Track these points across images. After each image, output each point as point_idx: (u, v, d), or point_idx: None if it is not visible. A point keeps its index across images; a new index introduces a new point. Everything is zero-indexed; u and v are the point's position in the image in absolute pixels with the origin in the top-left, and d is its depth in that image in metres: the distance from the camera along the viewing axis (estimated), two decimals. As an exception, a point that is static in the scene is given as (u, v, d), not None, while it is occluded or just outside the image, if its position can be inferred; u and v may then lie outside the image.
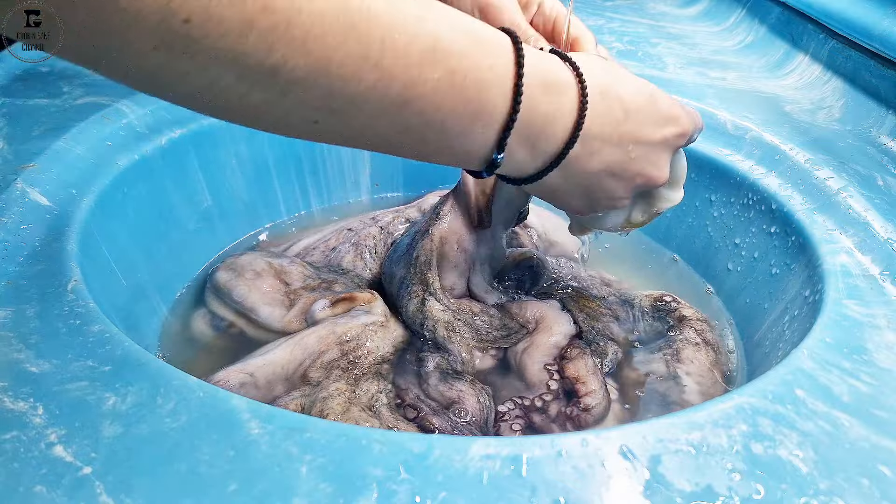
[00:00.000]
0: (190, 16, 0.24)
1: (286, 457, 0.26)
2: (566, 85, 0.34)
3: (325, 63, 0.27)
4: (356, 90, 0.28)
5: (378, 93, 0.29)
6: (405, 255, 0.51)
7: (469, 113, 0.31)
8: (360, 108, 0.29)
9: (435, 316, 0.47)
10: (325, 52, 0.26)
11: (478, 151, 0.34)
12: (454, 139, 0.32)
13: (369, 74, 0.28)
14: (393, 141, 0.32)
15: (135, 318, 0.48)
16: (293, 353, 0.45)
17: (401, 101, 0.29)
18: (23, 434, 0.27)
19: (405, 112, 0.30)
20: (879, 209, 0.50)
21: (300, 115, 0.29)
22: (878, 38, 0.69)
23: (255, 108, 0.28)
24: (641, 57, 0.88)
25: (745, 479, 0.27)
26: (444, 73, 0.30)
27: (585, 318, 0.51)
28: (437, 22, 0.29)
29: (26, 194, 0.46)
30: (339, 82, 0.27)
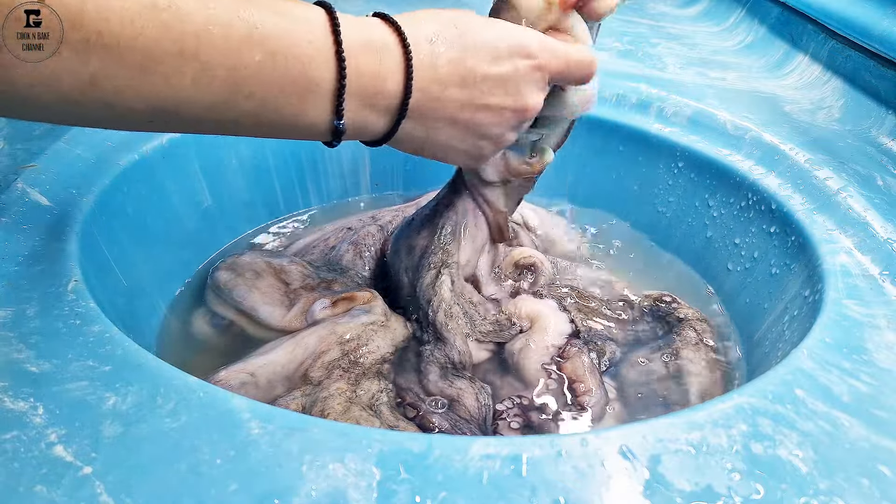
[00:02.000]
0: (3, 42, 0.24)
1: (286, 457, 0.26)
2: (385, 43, 0.35)
3: (141, 65, 0.27)
4: (181, 84, 0.29)
5: (203, 84, 0.29)
6: (427, 225, 0.51)
7: (299, 89, 0.33)
8: (189, 102, 0.30)
9: (442, 295, 0.48)
10: (138, 55, 0.27)
11: (320, 124, 0.35)
12: (293, 116, 0.34)
13: (189, 68, 0.29)
14: (235, 126, 0.33)
15: (135, 318, 0.48)
16: (294, 352, 0.45)
17: (228, 88, 0.30)
18: (23, 434, 0.27)
19: (235, 98, 0.31)
20: (879, 209, 0.50)
21: (134, 120, 0.30)
22: (877, 38, 0.69)
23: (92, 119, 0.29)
24: (641, 57, 0.88)
25: (744, 478, 0.27)
26: (265, 56, 0.31)
27: (584, 318, 0.51)
28: (250, 9, 0.30)
29: (26, 194, 0.46)
30: (161, 80, 0.28)
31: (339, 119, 0.34)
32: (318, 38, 0.33)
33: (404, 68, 0.35)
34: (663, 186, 0.67)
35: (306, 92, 0.33)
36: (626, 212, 0.70)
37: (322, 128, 0.35)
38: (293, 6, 0.33)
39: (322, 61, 0.33)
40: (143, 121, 0.30)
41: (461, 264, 0.50)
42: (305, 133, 0.35)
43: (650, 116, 0.69)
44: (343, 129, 0.35)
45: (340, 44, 0.33)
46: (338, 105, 0.34)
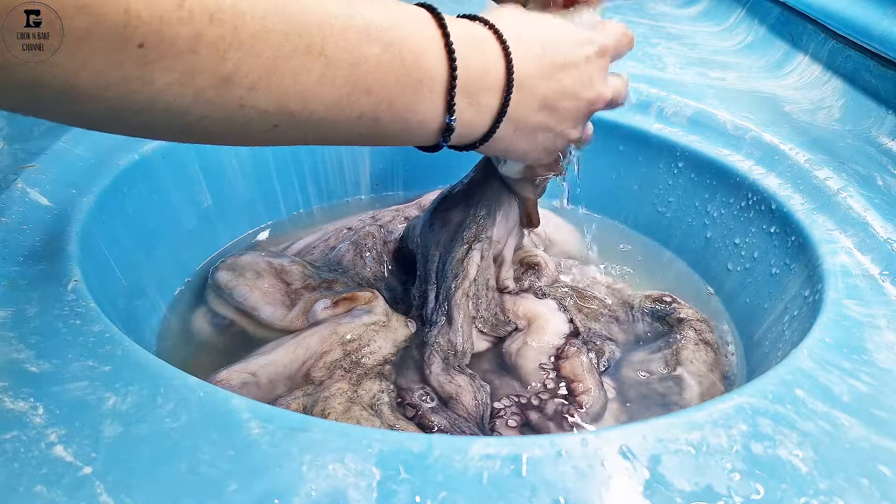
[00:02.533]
0: (144, 40, 0.24)
1: (286, 457, 0.26)
2: (486, 38, 0.36)
3: (273, 61, 0.27)
4: (307, 82, 0.29)
5: (327, 81, 0.30)
6: (464, 200, 0.51)
7: (413, 82, 0.33)
8: (314, 102, 0.30)
9: (468, 272, 0.48)
10: (272, 50, 0.27)
11: (431, 120, 0.35)
12: (406, 112, 0.34)
13: (316, 63, 0.29)
14: (351, 130, 0.33)
15: (135, 318, 0.48)
16: (295, 352, 0.45)
17: (350, 84, 0.30)
18: (23, 434, 0.27)
19: (356, 95, 0.31)
20: (879, 209, 0.50)
21: (260, 124, 0.30)
22: (877, 38, 0.69)
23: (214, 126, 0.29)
24: (641, 57, 0.88)
25: (744, 478, 0.27)
26: (383, 48, 0.31)
27: (584, 318, 0.51)
28: (361, 4, 0.31)
29: (26, 194, 0.46)
30: (290, 77, 0.28)
31: (451, 115, 0.35)
32: (426, 30, 0.33)
33: (505, 64, 0.36)
34: (663, 186, 0.67)
35: (420, 84, 0.33)
36: (625, 212, 0.70)
37: (432, 126, 0.35)
38: (397, 4, 0.33)
39: (433, 51, 0.33)
40: (268, 125, 0.30)
41: (493, 240, 0.50)
42: (417, 131, 0.35)
43: (650, 116, 0.69)
44: (453, 126, 0.35)
45: (448, 36, 0.33)
46: (450, 98, 0.34)
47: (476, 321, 0.48)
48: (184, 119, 0.27)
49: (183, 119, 0.27)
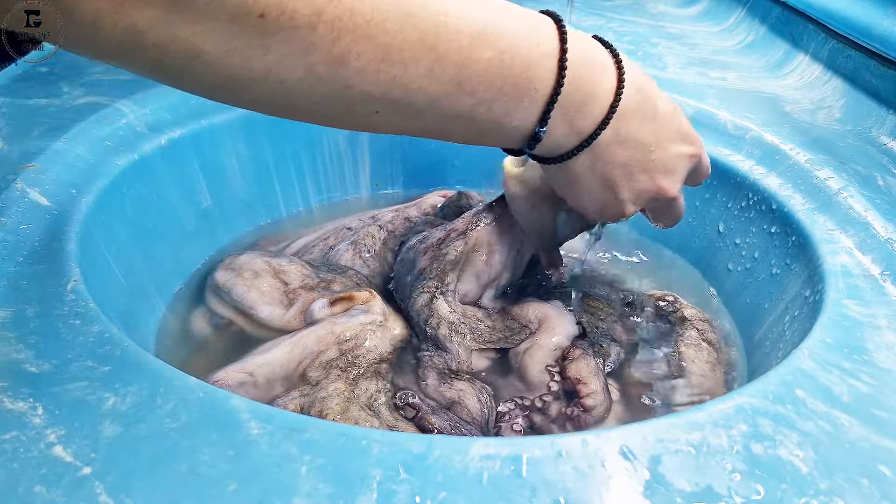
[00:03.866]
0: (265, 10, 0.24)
1: (286, 457, 0.26)
2: (606, 65, 0.36)
3: (386, 48, 0.28)
4: (414, 74, 0.29)
5: (434, 76, 0.30)
6: (433, 248, 0.51)
7: (517, 90, 0.33)
8: (417, 94, 0.30)
9: (441, 314, 0.47)
10: (386, 37, 0.27)
11: (522, 128, 0.35)
12: (502, 116, 0.34)
13: (426, 58, 0.29)
14: (445, 126, 0.33)
15: (134, 318, 0.48)
16: (292, 352, 0.45)
17: (455, 82, 0.31)
18: (22, 434, 0.27)
19: (458, 93, 0.31)
20: (880, 209, 0.50)
21: (362, 107, 0.30)
22: (878, 38, 0.69)
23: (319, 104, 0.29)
24: (641, 57, 0.88)
25: (745, 479, 0.27)
26: (495, 54, 0.31)
27: (589, 319, 0.51)
28: (484, 5, 0.31)
29: (26, 194, 0.46)
30: (399, 67, 0.29)
31: (542, 126, 0.35)
32: (545, 43, 0.33)
33: (612, 98, 0.36)
34: (663, 186, 0.67)
35: (523, 94, 0.33)
36: (626, 212, 0.70)
37: (524, 132, 0.35)
38: (526, 11, 0.34)
39: (545, 67, 0.33)
40: (370, 110, 0.30)
41: (460, 293, 0.50)
42: (507, 135, 0.35)
43: (650, 116, 0.68)
44: (541, 137, 0.35)
45: (566, 52, 0.33)
46: (546, 111, 0.34)
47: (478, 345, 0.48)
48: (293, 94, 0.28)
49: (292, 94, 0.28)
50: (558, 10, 0.35)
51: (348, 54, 0.27)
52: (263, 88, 0.28)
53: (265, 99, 0.29)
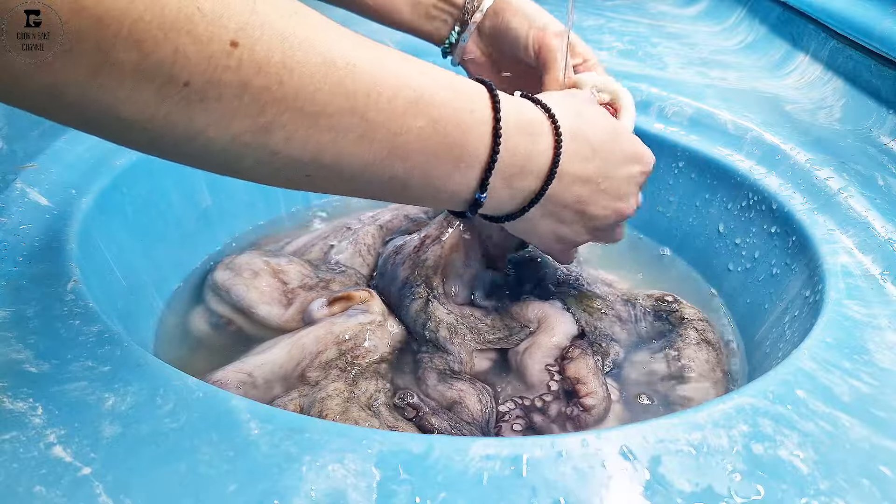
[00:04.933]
0: (190, 79, 0.24)
1: (286, 457, 0.26)
2: (541, 125, 0.37)
3: (314, 117, 0.28)
4: (345, 142, 0.29)
5: (365, 144, 0.30)
6: (411, 257, 0.51)
7: (452, 157, 0.33)
8: (348, 160, 0.30)
9: (438, 317, 0.47)
10: (315, 107, 0.28)
11: (462, 193, 0.35)
12: (439, 182, 0.34)
13: (357, 127, 0.29)
14: (380, 189, 0.33)
15: (134, 318, 0.48)
16: (291, 352, 0.45)
17: (386, 150, 0.31)
18: (22, 434, 0.27)
19: (391, 160, 0.31)
20: (880, 209, 0.50)
21: (293, 172, 0.30)
22: (878, 38, 0.69)
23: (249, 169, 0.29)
24: (641, 57, 0.88)
25: (745, 479, 0.27)
26: (427, 122, 0.31)
27: (588, 319, 0.51)
28: (418, 76, 0.31)
29: (26, 194, 0.46)
30: (328, 135, 0.29)
31: (482, 192, 0.35)
32: (478, 110, 0.34)
33: (552, 155, 0.37)
34: (664, 186, 0.67)
35: (458, 161, 0.34)
36: (626, 212, 0.70)
37: (462, 197, 0.36)
38: (458, 78, 0.34)
39: (479, 134, 0.34)
40: (301, 175, 0.30)
41: (449, 295, 0.50)
42: (445, 200, 0.36)
43: (651, 116, 0.68)
44: (482, 203, 0.36)
45: (499, 120, 0.34)
46: (485, 178, 0.35)
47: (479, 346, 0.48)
48: (219, 157, 0.28)
49: (218, 157, 0.28)
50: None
51: (274, 124, 0.27)
52: (191, 150, 0.27)
53: (196, 161, 0.29)
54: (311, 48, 0.27)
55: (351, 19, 0.51)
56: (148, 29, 0.23)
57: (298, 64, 0.26)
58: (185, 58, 0.24)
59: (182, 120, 0.25)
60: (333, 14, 0.38)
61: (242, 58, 0.25)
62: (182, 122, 0.26)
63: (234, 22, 0.24)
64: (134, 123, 0.25)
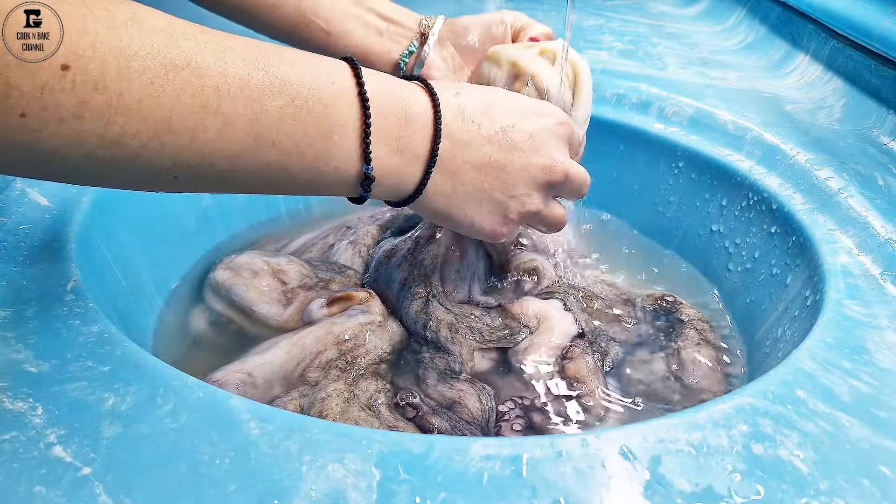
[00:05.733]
0: (25, 109, 0.25)
1: (286, 457, 0.26)
2: (411, 89, 0.36)
3: (165, 123, 0.28)
4: (205, 139, 0.29)
5: (227, 136, 0.30)
6: (407, 258, 0.51)
7: (321, 131, 0.33)
8: (215, 155, 0.30)
9: (438, 317, 0.47)
10: (162, 112, 0.28)
11: (348, 169, 0.34)
12: (319, 162, 0.33)
13: (213, 121, 0.29)
14: (263, 181, 0.33)
15: (134, 318, 0.48)
16: (291, 353, 0.45)
17: (252, 138, 0.30)
18: (22, 434, 0.27)
19: (260, 147, 0.31)
20: (880, 209, 0.50)
21: (158, 176, 0.30)
22: (878, 38, 0.69)
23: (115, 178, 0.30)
24: (641, 57, 0.88)
25: (745, 479, 0.27)
26: (286, 101, 0.31)
27: (588, 319, 0.51)
28: (268, 60, 0.31)
29: (26, 194, 0.46)
30: (185, 135, 0.29)
31: (367, 164, 0.34)
32: (340, 81, 0.33)
33: (433, 113, 0.36)
34: (664, 186, 0.67)
35: (329, 133, 0.33)
36: (626, 211, 0.70)
37: (351, 173, 0.35)
38: (313, 56, 0.34)
39: (345, 101, 0.33)
40: (168, 177, 0.30)
41: (449, 292, 0.50)
42: (335, 181, 0.35)
43: (650, 116, 0.68)
44: (372, 175, 0.35)
45: (363, 84, 0.33)
46: (365, 147, 0.34)
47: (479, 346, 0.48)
48: (86, 173, 0.29)
49: (85, 173, 0.29)
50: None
51: (123, 136, 0.27)
52: (54, 171, 0.28)
53: (60, 178, 0.29)
54: (148, 55, 0.27)
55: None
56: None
57: (136, 73, 0.27)
58: (17, 91, 0.24)
59: (31, 147, 0.26)
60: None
61: (76, 80, 0.25)
62: (34, 150, 0.26)
63: (63, 47, 0.25)
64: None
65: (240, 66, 0.30)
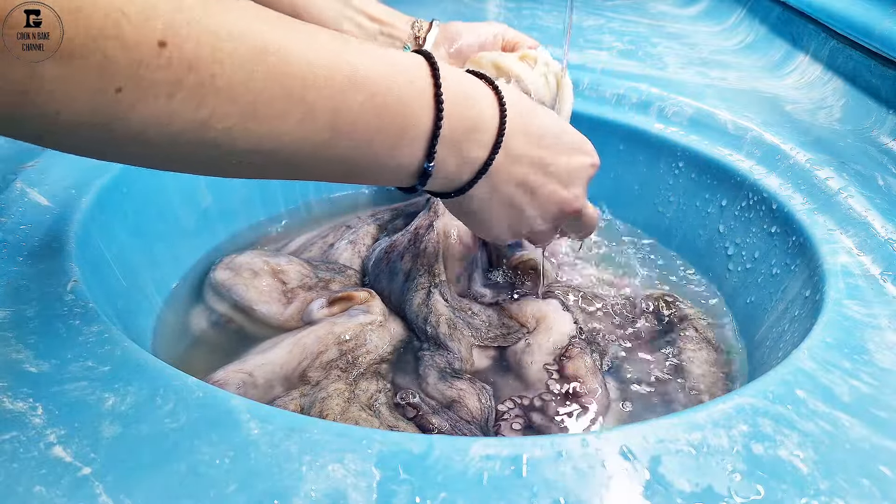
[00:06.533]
0: (123, 84, 0.24)
1: (286, 457, 0.26)
2: (485, 95, 0.37)
3: (252, 107, 0.28)
4: (286, 127, 0.29)
5: (307, 125, 0.30)
6: (410, 249, 0.51)
7: (395, 129, 0.33)
8: (293, 145, 0.30)
9: (439, 311, 0.48)
10: (250, 97, 0.28)
11: (409, 165, 0.35)
12: (385, 157, 0.34)
13: (296, 110, 0.29)
14: (329, 169, 0.33)
15: (134, 318, 0.48)
16: (292, 352, 0.45)
17: (330, 129, 0.31)
18: (22, 434, 0.27)
19: (336, 139, 0.31)
20: (880, 209, 0.50)
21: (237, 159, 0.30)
22: (878, 38, 0.69)
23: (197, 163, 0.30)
24: (641, 57, 0.88)
25: (745, 479, 0.27)
26: (367, 97, 0.31)
27: (587, 318, 0.51)
28: (353, 53, 0.31)
29: (26, 194, 0.46)
30: (268, 123, 0.29)
31: (429, 161, 0.35)
32: (418, 80, 0.33)
33: (498, 123, 0.37)
34: (664, 186, 0.67)
35: (403, 132, 0.33)
36: (626, 211, 0.70)
37: (411, 169, 0.35)
38: (395, 52, 0.34)
39: (421, 103, 0.34)
40: (245, 161, 0.30)
41: (451, 281, 0.50)
42: (393, 174, 0.36)
43: (651, 116, 0.68)
44: (430, 172, 0.35)
45: (440, 87, 0.34)
46: (431, 146, 0.34)
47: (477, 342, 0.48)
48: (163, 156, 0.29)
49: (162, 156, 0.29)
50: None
51: (211, 118, 0.27)
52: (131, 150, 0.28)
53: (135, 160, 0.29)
54: (240, 39, 0.27)
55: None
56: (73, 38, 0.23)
57: (228, 56, 0.26)
58: (114, 64, 0.24)
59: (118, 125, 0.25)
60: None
61: (172, 57, 0.25)
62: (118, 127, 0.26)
63: (160, 22, 0.24)
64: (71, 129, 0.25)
65: (326, 56, 0.30)
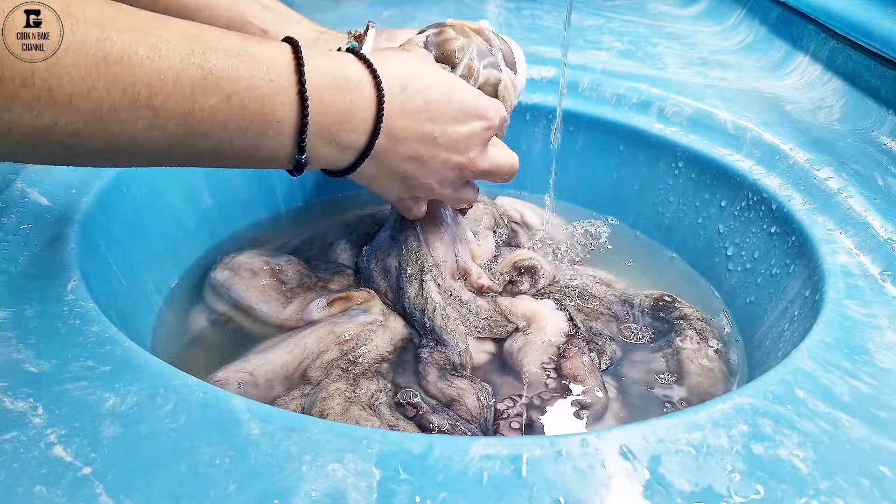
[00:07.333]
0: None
1: (286, 457, 0.26)
2: (359, 82, 0.36)
3: (96, 115, 0.28)
4: (135, 130, 0.30)
5: (158, 129, 0.30)
6: (391, 245, 0.51)
7: (257, 127, 0.33)
8: (146, 144, 0.31)
9: (434, 300, 0.48)
10: (93, 104, 0.28)
11: (281, 156, 0.36)
12: (251, 149, 0.34)
13: (144, 115, 0.29)
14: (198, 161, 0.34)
15: (134, 318, 0.48)
16: (292, 352, 0.45)
17: (183, 131, 0.31)
18: (22, 434, 0.27)
19: (191, 139, 0.32)
20: (879, 209, 0.50)
21: (91, 158, 0.32)
22: (878, 38, 0.69)
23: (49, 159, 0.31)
24: (641, 57, 0.88)
25: (745, 479, 0.27)
26: (220, 99, 0.31)
27: (584, 318, 0.51)
28: (205, 54, 0.31)
29: (26, 194, 0.46)
30: (115, 127, 0.29)
31: (300, 153, 0.35)
32: (279, 77, 0.33)
33: (375, 110, 0.37)
34: (664, 186, 0.67)
35: (264, 129, 0.33)
36: (626, 211, 0.70)
37: (283, 160, 0.36)
38: (256, 45, 0.33)
39: (283, 99, 0.33)
40: (101, 159, 0.32)
41: (439, 264, 0.51)
42: (268, 163, 0.36)
43: (650, 116, 0.68)
44: (305, 163, 0.36)
45: (304, 83, 0.34)
46: (300, 141, 0.35)
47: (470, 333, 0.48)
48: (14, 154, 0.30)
49: (14, 155, 0.30)
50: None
51: (54, 126, 0.28)
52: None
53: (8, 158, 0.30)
54: (79, 50, 0.27)
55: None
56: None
57: (66, 69, 0.27)
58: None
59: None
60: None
61: (3, 76, 0.26)
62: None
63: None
64: None
65: (174, 62, 0.30)
